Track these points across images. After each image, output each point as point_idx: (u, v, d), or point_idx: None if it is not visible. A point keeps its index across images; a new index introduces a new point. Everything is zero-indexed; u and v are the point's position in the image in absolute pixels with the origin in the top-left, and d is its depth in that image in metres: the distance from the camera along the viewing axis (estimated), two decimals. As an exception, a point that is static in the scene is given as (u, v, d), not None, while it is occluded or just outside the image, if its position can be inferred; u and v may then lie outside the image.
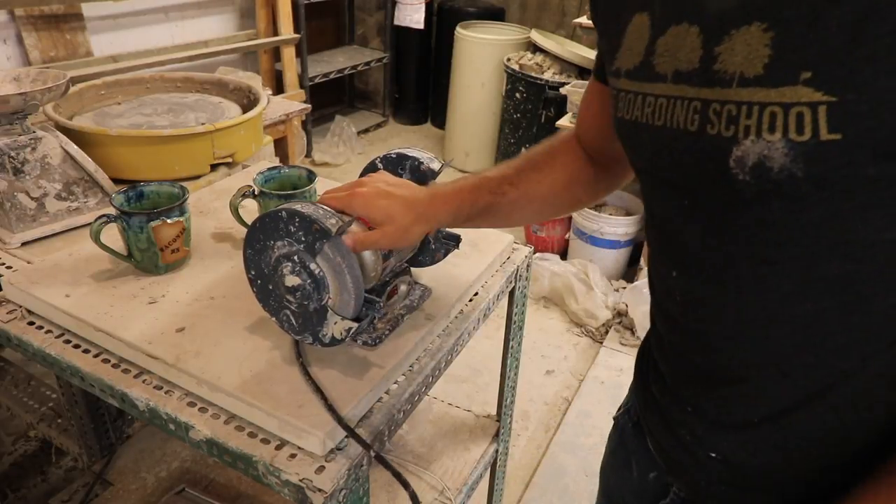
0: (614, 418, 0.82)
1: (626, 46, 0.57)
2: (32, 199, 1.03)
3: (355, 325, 0.68)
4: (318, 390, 0.70)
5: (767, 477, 0.57)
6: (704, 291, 0.56)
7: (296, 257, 0.66)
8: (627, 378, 0.92)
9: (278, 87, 3.27)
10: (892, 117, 0.40)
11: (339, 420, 0.67)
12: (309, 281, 0.66)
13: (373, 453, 0.67)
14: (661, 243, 0.61)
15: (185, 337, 0.78)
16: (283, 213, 0.66)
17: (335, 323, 0.69)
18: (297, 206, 0.66)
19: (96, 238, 0.85)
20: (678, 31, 0.51)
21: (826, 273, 0.48)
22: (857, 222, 0.45)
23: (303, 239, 0.66)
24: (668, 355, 0.64)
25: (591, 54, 3.17)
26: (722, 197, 0.50)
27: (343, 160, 3.51)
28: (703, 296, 0.56)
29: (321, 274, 0.66)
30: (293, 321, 0.71)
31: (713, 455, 0.59)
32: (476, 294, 0.95)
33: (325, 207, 0.68)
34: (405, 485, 0.69)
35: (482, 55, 3.29)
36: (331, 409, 0.68)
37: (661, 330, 0.65)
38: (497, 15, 3.62)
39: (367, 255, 0.71)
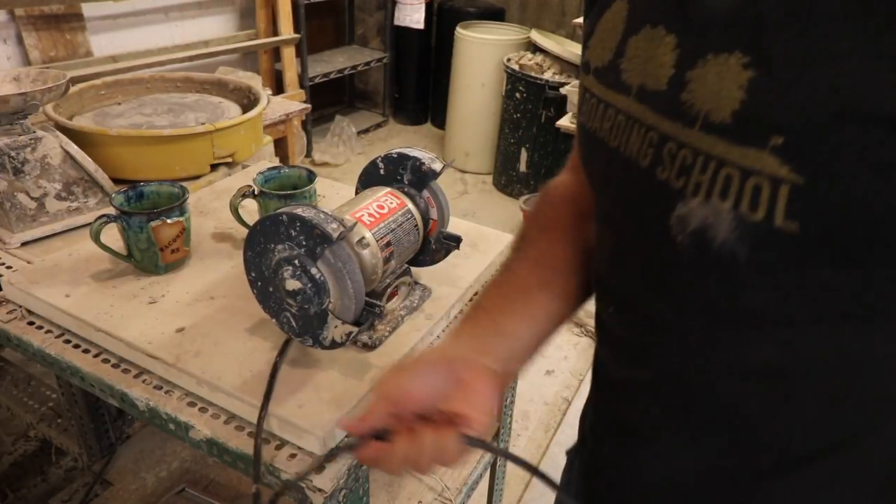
0: (567, 453, 0.72)
1: (599, 37, 0.49)
2: (32, 199, 1.03)
3: (355, 329, 0.68)
4: (269, 392, 0.69)
5: None
6: (632, 338, 0.50)
7: (296, 261, 0.66)
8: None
9: (278, 87, 3.27)
10: (863, 221, 0.33)
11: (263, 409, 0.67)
12: (310, 285, 0.66)
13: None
14: (599, 271, 0.54)
15: (185, 337, 0.78)
16: (284, 216, 0.66)
17: (335, 327, 0.69)
18: (298, 210, 0.66)
19: (96, 238, 0.85)
20: (652, 35, 0.43)
21: (757, 358, 0.42)
22: (801, 318, 0.39)
23: (304, 243, 0.66)
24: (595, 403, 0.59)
25: (591, 54, 3.17)
26: (659, 252, 0.43)
27: (343, 160, 3.51)
28: (630, 343, 0.51)
29: (322, 278, 0.66)
30: (293, 323, 0.71)
31: None
32: (476, 294, 0.95)
33: (326, 211, 0.68)
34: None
35: (482, 55, 3.29)
36: (263, 406, 0.67)
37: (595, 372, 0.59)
38: (497, 15, 3.62)
39: (368, 259, 0.71)
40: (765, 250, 0.36)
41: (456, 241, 0.85)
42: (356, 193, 0.85)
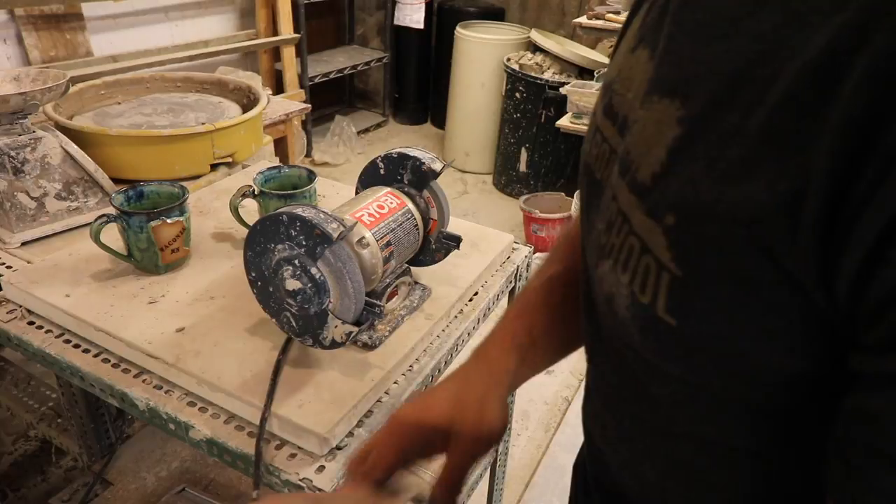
0: (574, 466, 0.71)
1: (621, 47, 0.45)
2: (32, 198, 1.03)
3: (355, 328, 0.68)
4: (271, 392, 0.69)
5: None
6: (596, 390, 0.49)
7: (297, 261, 0.66)
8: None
9: (278, 87, 3.27)
10: (728, 330, 0.30)
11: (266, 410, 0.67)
12: (310, 285, 0.66)
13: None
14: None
15: (185, 337, 0.78)
16: (284, 216, 0.66)
17: (335, 326, 0.69)
18: (298, 210, 0.66)
19: (96, 238, 0.85)
20: (640, 57, 0.38)
21: (675, 454, 0.39)
22: (712, 424, 0.35)
23: (304, 243, 0.66)
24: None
25: (591, 54, 3.17)
26: (597, 312, 0.40)
27: (343, 160, 3.51)
28: (596, 396, 0.49)
29: (322, 278, 0.66)
30: (293, 323, 0.71)
31: None
32: (476, 294, 0.95)
33: (326, 211, 0.68)
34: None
35: (482, 55, 3.29)
36: (267, 406, 0.67)
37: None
38: (497, 15, 3.62)
39: (368, 259, 0.71)
40: (652, 338, 0.33)
41: (456, 240, 0.85)
42: (356, 193, 0.85)
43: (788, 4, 0.27)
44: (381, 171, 0.83)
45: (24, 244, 1.03)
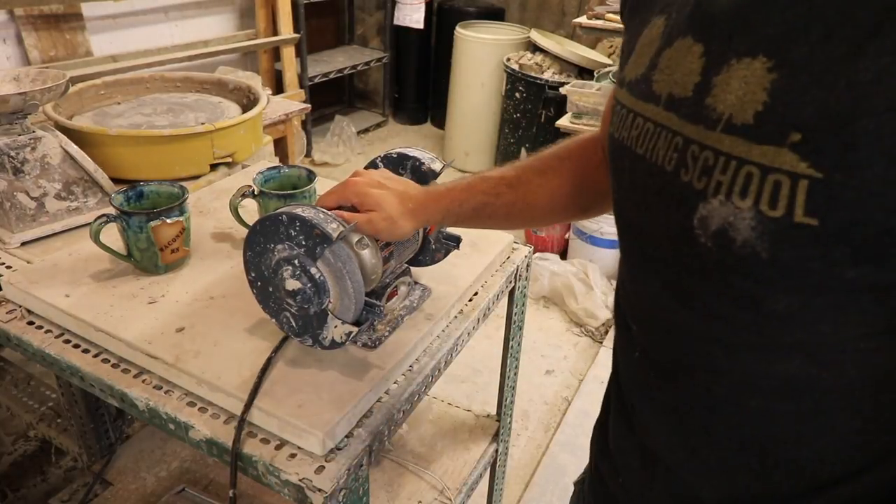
0: (575, 483, 0.77)
1: (638, 52, 0.51)
2: (32, 198, 1.03)
3: (355, 329, 0.68)
4: (256, 388, 0.69)
5: None
6: (654, 355, 0.51)
7: (296, 261, 0.66)
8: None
9: (278, 87, 3.27)
10: (880, 212, 0.34)
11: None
12: (309, 285, 0.66)
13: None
14: (620, 293, 0.55)
15: (185, 337, 0.78)
16: (284, 216, 0.66)
17: (335, 327, 0.69)
18: (298, 210, 0.66)
19: (96, 238, 0.85)
20: (682, 46, 0.44)
21: (784, 371, 0.42)
22: (827, 324, 0.39)
23: (303, 243, 0.66)
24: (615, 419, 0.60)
25: (591, 54, 3.17)
26: (682, 257, 0.44)
27: (343, 160, 3.51)
28: (652, 361, 0.51)
29: (322, 278, 0.66)
30: (293, 323, 0.71)
31: None
32: (476, 294, 0.95)
33: (326, 211, 0.67)
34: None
35: (482, 55, 3.29)
36: (249, 403, 0.68)
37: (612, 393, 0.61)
38: (497, 15, 3.62)
39: (368, 258, 0.71)
40: (785, 247, 0.37)
41: (455, 241, 0.85)
42: (356, 193, 0.85)
43: None
44: (381, 171, 0.83)
45: (23, 244, 1.03)
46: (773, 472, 0.46)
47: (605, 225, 2.53)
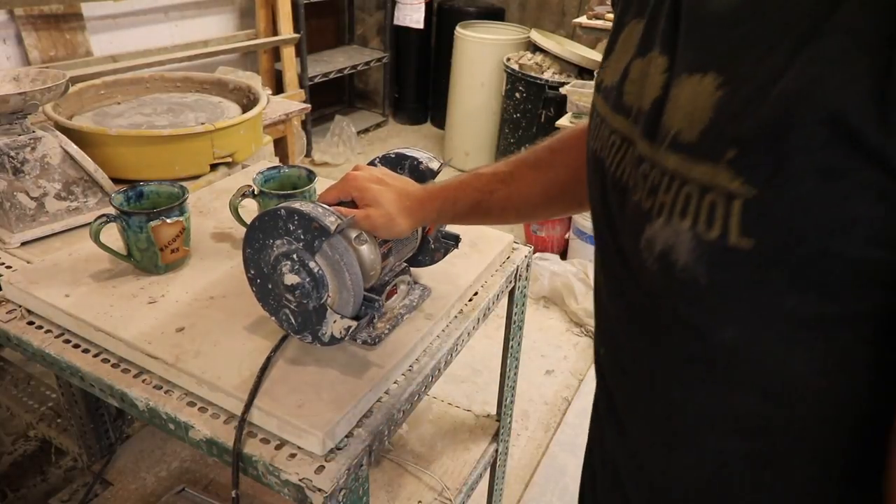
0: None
1: (615, 56, 0.49)
2: (32, 198, 1.03)
3: (355, 323, 0.68)
4: (256, 388, 0.69)
5: None
6: (617, 389, 0.50)
7: (295, 256, 0.66)
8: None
9: (278, 87, 3.27)
10: (815, 232, 0.32)
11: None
12: (308, 279, 0.66)
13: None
14: (595, 303, 0.54)
15: (185, 337, 0.78)
16: (283, 211, 0.66)
17: (334, 321, 0.69)
18: (297, 205, 0.66)
19: (96, 238, 0.85)
20: (651, 57, 0.43)
21: (737, 408, 0.40)
22: (775, 358, 0.37)
23: (302, 237, 0.66)
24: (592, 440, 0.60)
25: (591, 54, 3.17)
26: (638, 281, 0.43)
27: (343, 160, 3.51)
28: (615, 394, 0.51)
29: (320, 272, 0.66)
30: (292, 320, 0.71)
31: None
32: (476, 294, 0.95)
33: (325, 206, 0.68)
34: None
35: (482, 55, 3.29)
36: (249, 404, 0.68)
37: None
38: (497, 15, 3.62)
39: (367, 254, 0.71)
40: (722, 271, 0.36)
41: (455, 240, 0.85)
42: (356, 193, 0.85)
43: None
44: (381, 171, 0.83)
45: (23, 244, 1.03)
46: None
47: (605, 225, 2.53)
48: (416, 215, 0.70)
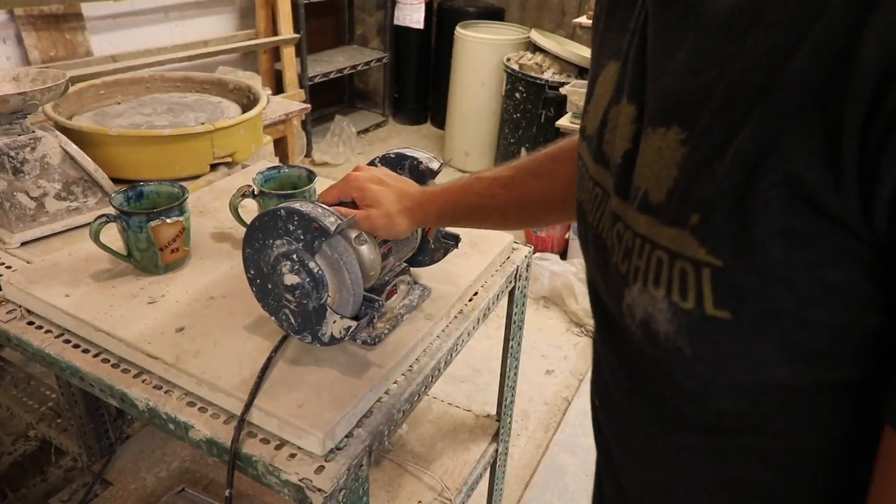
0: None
1: (595, 102, 0.47)
2: (32, 198, 1.03)
3: (354, 323, 0.68)
4: (256, 388, 0.69)
5: None
6: (618, 433, 0.48)
7: (295, 256, 0.66)
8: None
9: (278, 87, 3.27)
10: (792, 303, 0.30)
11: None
12: (308, 279, 0.66)
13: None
14: (593, 349, 0.52)
15: (185, 337, 0.78)
16: (282, 211, 0.66)
17: (334, 322, 0.69)
18: (296, 205, 0.66)
19: (96, 238, 0.85)
20: (624, 107, 0.41)
21: (738, 475, 0.38)
22: (777, 425, 0.35)
23: (302, 237, 0.66)
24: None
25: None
26: (627, 341, 0.40)
27: (343, 160, 3.51)
28: (617, 439, 0.49)
29: (320, 272, 0.66)
30: (292, 320, 0.71)
31: None
32: (476, 294, 0.95)
33: (324, 206, 0.68)
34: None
35: (482, 55, 3.29)
36: (249, 403, 0.68)
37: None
38: (497, 15, 3.62)
39: (366, 254, 0.71)
40: (704, 341, 0.33)
41: (455, 240, 0.85)
42: (356, 193, 0.85)
43: (769, 26, 0.30)
44: (381, 171, 0.83)
45: (23, 244, 1.03)
46: None
47: (605, 225, 2.53)
48: (416, 216, 0.70)
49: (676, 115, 0.35)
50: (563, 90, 2.68)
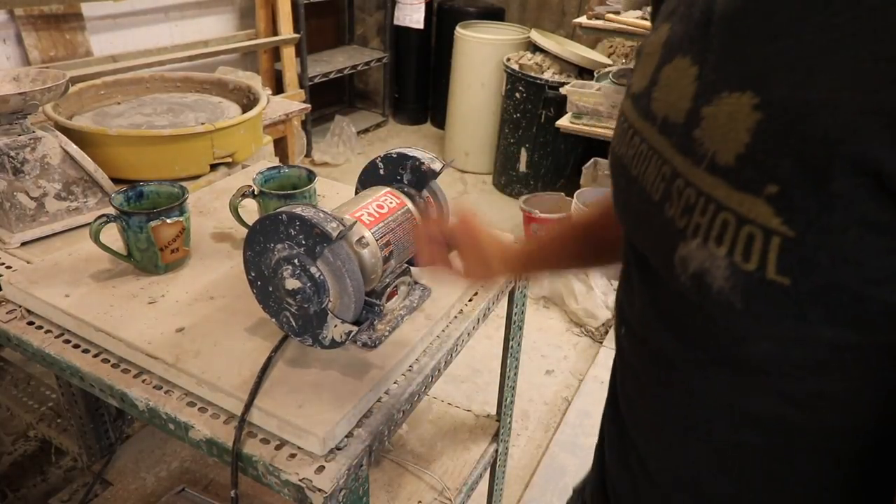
0: (574, 490, 0.77)
1: (643, 61, 0.48)
2: (32, 198, 1.03)
3: (355, 328, 0.68)
4: (256, 388, 0.70)
5: None
6: (637, 367, 0.51)
7: (296, 260, 0.66)
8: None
9: (278, 87, 3.27)
10: (855, 280, 0.32)
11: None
12: (309, 284, 0.66)
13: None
14: (618, 293, 0.55)
15: (185, 337, 0.78)
16: (284, 216, 0.66)
17: (335, 326, 0.69)
18: (298, 210, 0.66)
19: (96, 238, 0.85)
20: (680, 65, 0.41)
21: (758, 407, 0.41)
22: (808, 372, 0.38)
23: (303, 242, 0.66)
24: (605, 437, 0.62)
25: (591, 54, 3.17)
26: (668, 287, 0.43)
27: (343, 160, 3.51)
28: (635, 371, 0.52)
29: (321, 277, 0.66)
30: (293, 323, 0.71)
31: None
32: (476, 294, 0.95)
33: (326, 211, 0.68)
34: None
35: (482, 55, 3.29)
36: (249, 404, 0.68)
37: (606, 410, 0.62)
38: (497, 15, 3.62)
39: (368, 258, 0.71)
40: (758, 301, 0.35)
41: (456, 240, 0.85)
42: (356, 193, 0.85)
43: (867, 9, 0.31)
44: (381, 171, 0.83)
45: (23, 244, 1.03)
46: (747, 501, 0.45)
47: (605, 225, 2.53)
48: (515, 271, 0.78)
49: (749, 81, 0.35)
50: (563, 90, 2.68)
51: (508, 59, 3.15)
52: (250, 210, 0.95)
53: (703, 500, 0.47)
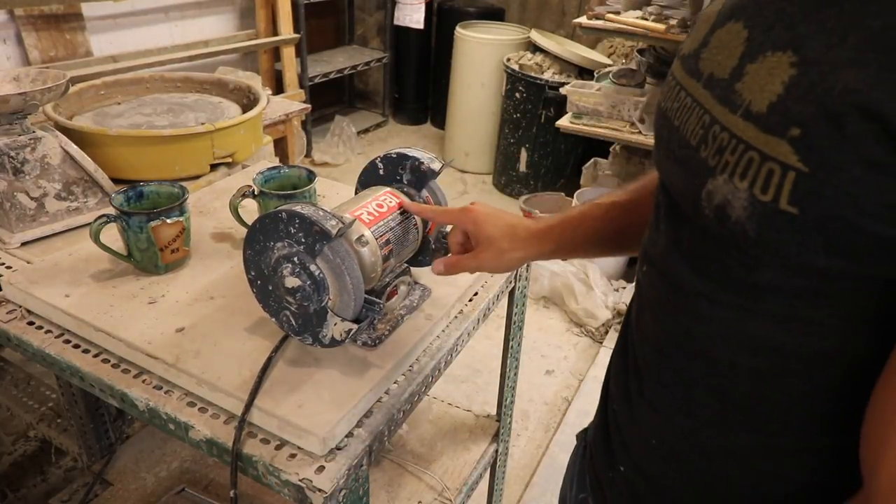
0: (576, 436, 0.81)
1: (696, 27, 0.54)
2: (32, 199, 1.03)
3: (355, 326, 0.68)
4: (256, 388, 0.70)
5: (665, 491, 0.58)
6: (650, 294, 0.57)
7: (296, 259, 0.66)
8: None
9: (278, 87, 3.27)
10: (853, 211, 0.38)
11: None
12: (309, 282, 0.66)
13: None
14: (644, 237, 0.60)
15: (185, 337, 0.78)
16: (283, 214, 0.66)
17: (335, 324, 0.69)
18: (297, 208, 0.66)
19: (96, 238, 0.85)
20: (732, 29, 0.48)
21: (756, 332, 0.47)
22: (802, 300, 0.44)
23: (303, 240, 0.66)
24: (615, 360, 0.65)
25: (591, 54, 3.17)
26: (693, 221, 0.49)
27: (343, 160, 3.51)
28: (650, 302, 0.57)
29: (321, 276, 0.66)
30: (293, 322, 0.71)
31: (622, 469, 0.61)
32: (476, 294, 0.95)
33: (325, 209, 0.68)
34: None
35: (482, 55, 3.29)
36: (249, 404, 0.68)
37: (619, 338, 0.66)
38: (497, 15, 3.62)
39: (367, 256, 0.71)
40: (769, 229, 0.41)
41: (456, 240, 0.85)
42: (356, 193, 0.85)
43: None
44: (381, 171, 0.83)
45: (23, 244, 1.03)
46: (731, 425, 0.51)
47: (605, 225, 2.53)
48: (530, 251, 0.72)
49: (792, 42, 0.41)
50: (563, 90, 2.68)
51: (508, 60, 3.15)
52: (250, 210, 0.95)
53: (695, 421, 0.53)
